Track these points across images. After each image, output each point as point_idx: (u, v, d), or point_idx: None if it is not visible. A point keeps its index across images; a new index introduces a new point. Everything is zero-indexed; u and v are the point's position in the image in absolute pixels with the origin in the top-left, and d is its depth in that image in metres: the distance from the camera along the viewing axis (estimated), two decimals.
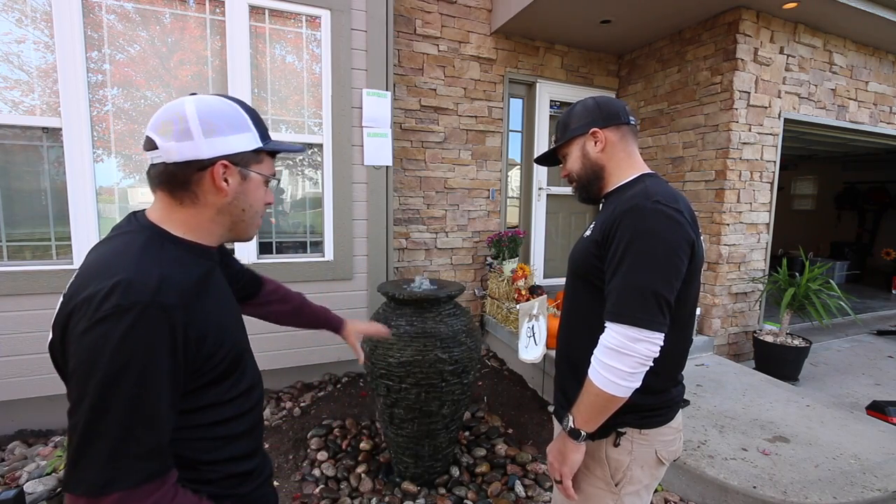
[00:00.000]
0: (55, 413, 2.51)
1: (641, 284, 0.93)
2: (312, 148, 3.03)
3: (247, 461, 0.85)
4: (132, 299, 0.63)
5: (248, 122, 0.79)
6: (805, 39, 3.79)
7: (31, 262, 2.44)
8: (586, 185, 1.17)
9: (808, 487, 1.96)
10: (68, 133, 2.40)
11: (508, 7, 3.71)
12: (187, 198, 0.76)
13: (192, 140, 0.73)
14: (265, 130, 0.83)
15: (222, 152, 0.75)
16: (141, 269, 0.67)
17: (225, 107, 0.77)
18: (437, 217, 4.01)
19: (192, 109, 0.73)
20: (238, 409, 0.81)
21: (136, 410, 0.62)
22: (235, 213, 0.81)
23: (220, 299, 0.81)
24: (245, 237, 0.87)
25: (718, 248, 3.68)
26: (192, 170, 0.74)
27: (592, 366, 0.98)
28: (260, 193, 0.84)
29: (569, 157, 1.19)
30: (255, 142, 0.79)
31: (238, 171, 0.78)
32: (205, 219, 0.79)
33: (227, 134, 0.76)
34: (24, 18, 2.34)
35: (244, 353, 0.84)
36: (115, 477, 0.60)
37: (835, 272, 6.82)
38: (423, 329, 2.01)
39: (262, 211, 0.86)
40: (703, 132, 3.77)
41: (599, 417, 0.99)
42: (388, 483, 2.18)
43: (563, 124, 1.18)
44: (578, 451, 1.02)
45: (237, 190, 0.79)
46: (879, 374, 3.83)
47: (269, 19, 2.80)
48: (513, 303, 3.59)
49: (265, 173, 0.83)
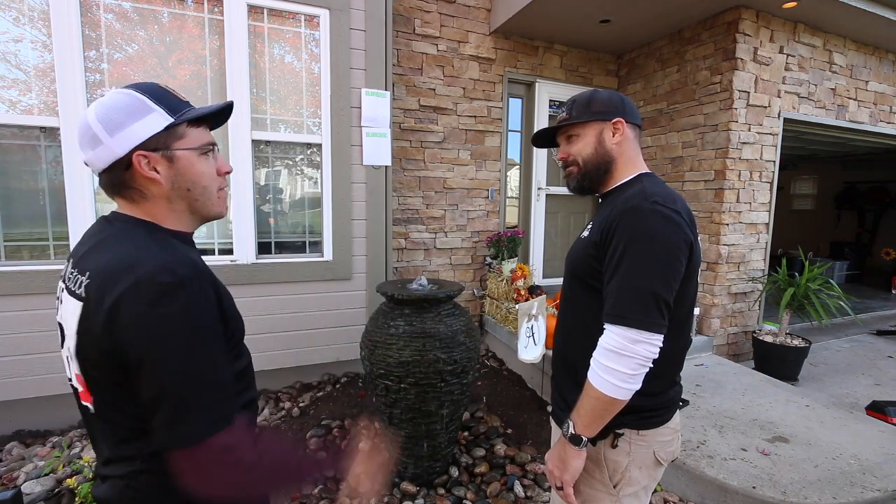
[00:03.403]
0: (53, 413, 2.50)
1: (640, 286, 0.92)
2: (311, 148, 3.02)
3: None
4: (179, 275, 0.68)
5: (147, 104, 0.75)
6: (805, 39, 3.79)
7: (29, 262, 2.44)
8: (590, 172, 1.12)
9: (808, 487, 1.96)
10: (66, 132, 2.39)
11: (508, 6, 3.71)
12: (136, 195, 0.78)
13: (103, 143, 0.73)
14: (177, 104, 0.78)
15: (133, 143, 0.73)
16: (165, 252, 0.72)
17: (120, 98, 0.74)
18: (437, 217, 4.01)
19: (92, 115, 0.73)
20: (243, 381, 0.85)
21: (214, 365, 0.71)
22: (183, 195, 0.80)
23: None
24: (211, 214, 0.85)
25: (718, 248, 3.68)
26: (119, 171, 0.75)
27: (592, 368, 0.97)
28: (199, 168, 0.80)
29: (580, 139, 1.12)
30: (164, 119, 0.75)
31: (161, 156, 0.76)
32: (163, 209, 0.80)
33: (130, 124, 0.73)
34: (22, 17, 2.33)
35: (244, 332, 0.88)
36: (215, 420, 0.68)
37: (834, 272, 6.82)
38: (423, 329, 2.00)
39: (213, 184, 0.83)
40: (702, 132, 3.76)
41: (600, 421, 0.97)
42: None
43: (583, 103, 1.12)
44: (580, 457, 1.01)
45: (169, 174, 0.77)
46: (879, 374, 3.82)
47: (267, 18, 2.79)
48: (512, 303, 3.58)
49: (192, 146, 0.79)
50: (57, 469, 2.11)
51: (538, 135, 1.24)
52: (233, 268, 2.75)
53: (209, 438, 0.67)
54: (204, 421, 0.68)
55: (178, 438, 0.67)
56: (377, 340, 2.04)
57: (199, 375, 0.69)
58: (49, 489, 2.00)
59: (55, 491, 2.00)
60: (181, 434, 0.67)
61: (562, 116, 1.16)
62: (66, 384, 0.79)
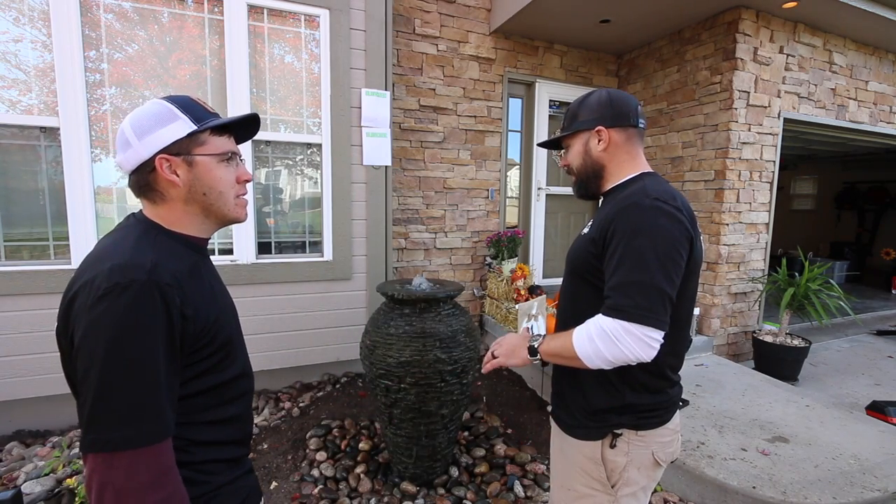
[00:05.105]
0: (53, 414, 2.50)
1: (643, 280, 0.91)
2: (311, 148, 3.02)
3: (230, 448, 0.87)
4: (129, 277, 0.69)
5: (174, 112, 0.81)
6: (805, 39, 3.79)
7: (28, 262, 2.44)
8: (584, 181, 1.16)
9: (808, 488, 1.96)
10: (66, 132, 2.39)
11: (507, 6, 3.71)
12: (157, 197, 0.83)
13: (132, 147, 0.80)
14: (203, 114, 0.84)
15: (157, 147, 0.79)
16: (136, 253, 0.73)
17: (153, 107, 0.81)
18: (437, 217, 4.01)
19: (126, 122, 0.81)
20: (224, 396, 0.85)
21: (141, 375, 0.68)
22: (199, 199, 0.84)
23: (213, 285, 0.87)
24: (226, 219, 0.89)
25: (718, 248, 3.68)
26: (144, 173, 0.81)
27: (584, 330, 0.97)
28: (217, 174, 0.84)
29: (570, 150, 1.17)
30: (188, 126, 0.81)
31: (182, 160, 0.81)
32: (179, 211, 0.84)
33: (156, 130, 0.79)
34: (22, 17, 2.33)
35: (234, 340, 0.87)
36: (127, 436, 0.66)
37: (834, 272, 6.81)
38: (423, 329, 2.00)
39: (230, 190, 0.87)
40: (702, 132, 3.76)
41: (562, 362, 1.05)
42: (387, 483, 2.17)
43: (572, 114, 1.15)
44: (524, 362, 1.12)
45: (188, 177, 0.82)
46: (879, 374, 3.82)
47: (267, 19, 2.79)
48: (512, 303, 3.58)
49: (212, 152, 0.84)
50: (57, 469, 2.11)
51: (545, 142, 1.28)
52: (233, 268, 2.75)
53: (115, 453, 0.66)
54: (116, 433, 0.66)
55: (85, 443, 0.67)
56: (377, 340, 2.03)
57: (125, 384, 0.67)
58: (49, 489, 2.00)
59: (55, 491, 2.00)
60: (89, 440, 0.66)
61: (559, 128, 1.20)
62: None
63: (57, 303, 0.78)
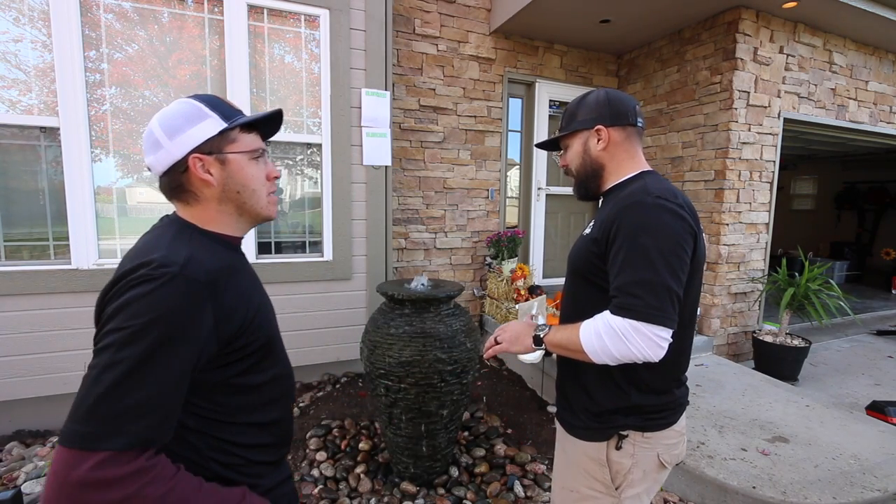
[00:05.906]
0: (53, 414, 2.50)
1: (650, 279, 0.90)
2: (311, 148, 3.02)
3: (272, 451, 0.86)
4: (161, 270, 0.68)
5: (203, 111, 0.80)
6: (805, 39, 3.79)
7: (28, 262, 2.43)
8: (584, 181, 1.16)
9: (808, 488, 1.96)
10: (66, 132, 2.39)
11: (507, 6, 3.71)
12: (191, 198, 0.82)
13: (163, 147, 0.78)
14: (231, 111, 0.84)
15: (189, 146, 0.78)
16: (171, 250, 0.73)
17: (181, 106, 0.80)
18: (437, 217, 4.01)
19: (155, 122, 0.80)
20: (265, 396, 0.83)
21: (147, 372, 0.64)
22: (233, 197, 0.84)
23: (250, 285, 0.85)
24: (260, 216, 0.89)
25: (718, 248, 3.68)
26: (177, 173, 0.80)
27: (592, 325, 0.96)
28: (249, 171, 0.84)
29: (569, 150, 1.16)
30: (218, 124, 0.80)
31: (214, 159, 0.80)
32: (212, 211, 0.83)
33: (187, 129, 0.78)
34: (22, 17, 2.33)
35: (274, 341, 0.86)
36: (107, 433, 0.60)
37: (834, 272, 6.82)
38: (423, 329, 2.00)
39: (262, 187, 0.87)
40: (702, 132, 3.76)
41: (566, 353, 1.03)
42: (387, 483, 2.17)
43: (570, 114, 1.15)
44: (527, 350, 1.11)
45: (222, 176, 0.81)
46: (879, 374, 3.82)
47: (267, 19, 2.79)
48: (512, 303, 3.58)
49: (243, 150, 0.83)
50: None
51: (543, 142, 1.28)
52: None
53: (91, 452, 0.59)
54: (98, 428, 0.60)
55: (63, 433, 0.61)
56: (377, 340, 2.03)
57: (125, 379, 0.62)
58: None
59: None
60: (69, 430, 0.60)
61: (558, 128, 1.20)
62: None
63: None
